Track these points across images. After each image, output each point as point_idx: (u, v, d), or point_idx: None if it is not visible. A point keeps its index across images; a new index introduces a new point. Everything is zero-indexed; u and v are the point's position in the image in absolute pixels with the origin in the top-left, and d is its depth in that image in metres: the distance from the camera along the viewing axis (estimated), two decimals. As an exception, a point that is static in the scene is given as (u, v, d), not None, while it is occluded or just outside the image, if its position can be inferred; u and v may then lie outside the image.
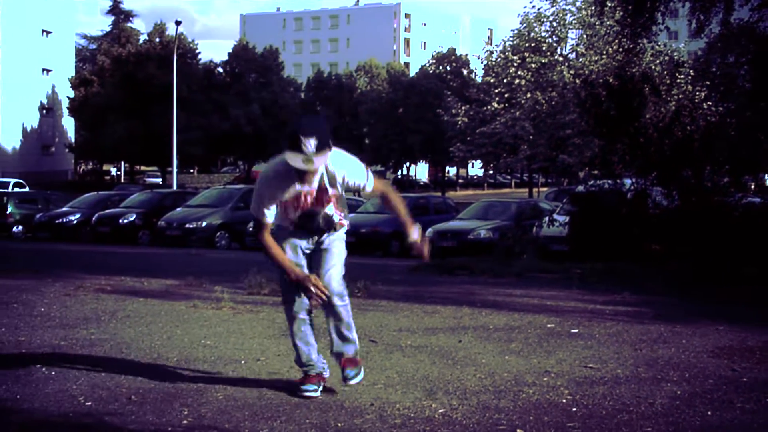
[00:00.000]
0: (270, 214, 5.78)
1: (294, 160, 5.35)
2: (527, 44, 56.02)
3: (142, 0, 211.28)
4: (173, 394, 5.92)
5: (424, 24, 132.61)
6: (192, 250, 21.99)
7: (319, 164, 5.43)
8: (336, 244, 6.02)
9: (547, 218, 19.86)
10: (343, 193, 5.97)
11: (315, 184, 5.70)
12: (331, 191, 5.79)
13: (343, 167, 5.75)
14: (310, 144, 5.29)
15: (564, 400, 5.90)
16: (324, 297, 5.70)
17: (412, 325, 9.02)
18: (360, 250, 20.53)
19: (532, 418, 5.47)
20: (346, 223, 6.11)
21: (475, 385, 6.30)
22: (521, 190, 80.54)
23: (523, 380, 6.46)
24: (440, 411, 5.61)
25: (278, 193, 5.73)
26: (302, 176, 5.52)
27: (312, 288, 5.68)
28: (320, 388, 6.02)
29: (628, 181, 16.09)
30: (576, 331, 8.64)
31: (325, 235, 6.00)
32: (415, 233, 5.89)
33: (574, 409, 5.68)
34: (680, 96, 31.60)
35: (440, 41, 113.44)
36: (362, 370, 6.14)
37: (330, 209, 5.89)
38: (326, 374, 6.14)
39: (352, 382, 6.02)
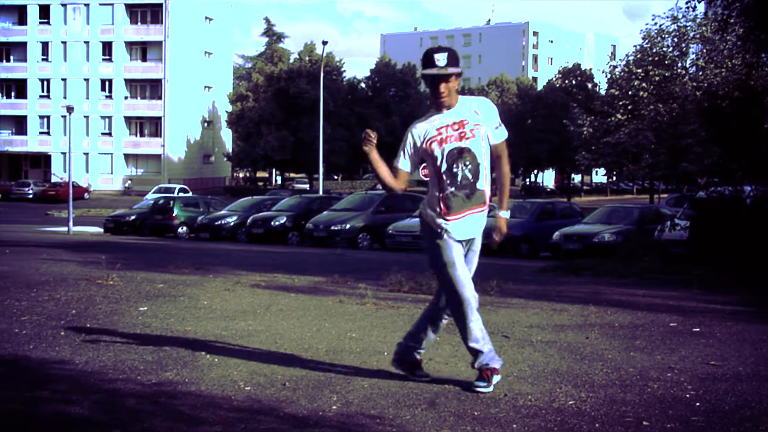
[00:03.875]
0: (404, 164, 5.77)
1: (429, 71, 5.55)
2: (650, 58, 55.11)
3: (293, 23, 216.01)
4: (323, 382, 5.98)
5: (551, 41, 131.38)
6: (337, 250, 22.23)
7: (452, 72, 5.52)
8: (477, 255, 5.95)
9: (669, 222, 19.50)
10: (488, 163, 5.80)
11: (455, 116, 5.69)
12: (473, 122, 5.68)
13: (482, 106, 5.75)
14: (442, 58, 5.51)
15: (687, 395, 5.76)
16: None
17: (541, 321, 8.94)
18: (492, 251, 20.41)
19: (657, 411, 5.35)
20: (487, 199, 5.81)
21: (602, 379, 6.20)
22: (642, 197, 79.03)
23: (647, 375, 6.33)
24: (570, 403, 5.54)
25: (425, 130, 5.72)
26: (438, 95, 5.62)
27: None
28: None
29: (747, 188, 15.66)
30: (697, 329, 8.43)
31: (479, 229, 5.84)
32: (505, 212, 5.94)
33: (698, 404, 5.54)
34: (799, 107, 30.51)
35: (566, 57, 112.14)
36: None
37: (476, 148, 5.69)
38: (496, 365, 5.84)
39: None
